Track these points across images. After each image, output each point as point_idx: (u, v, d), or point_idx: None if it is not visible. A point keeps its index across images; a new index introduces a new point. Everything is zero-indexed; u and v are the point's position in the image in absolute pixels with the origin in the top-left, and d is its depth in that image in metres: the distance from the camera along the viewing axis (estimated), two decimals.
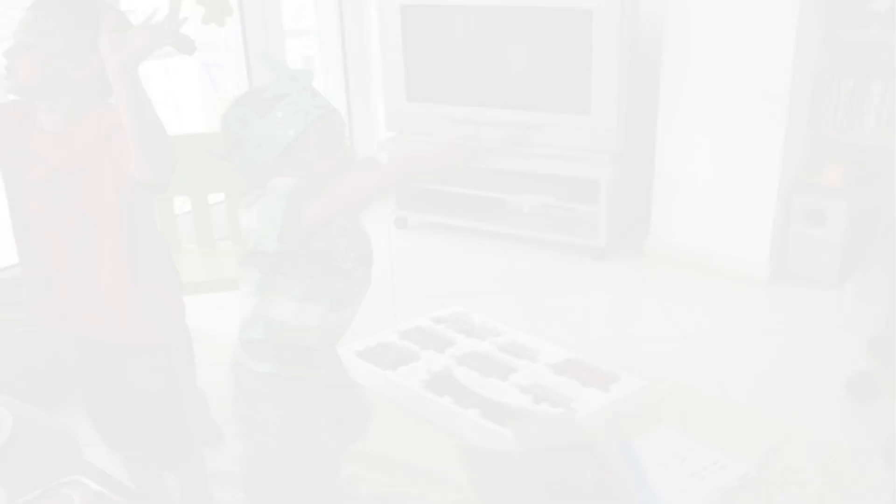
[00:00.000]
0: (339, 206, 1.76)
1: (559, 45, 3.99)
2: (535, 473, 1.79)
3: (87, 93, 1.83)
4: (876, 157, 3.75)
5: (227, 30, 4.35)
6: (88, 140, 1.82)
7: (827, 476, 2.49)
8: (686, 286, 3.82)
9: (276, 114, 1.77)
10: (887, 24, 3.45)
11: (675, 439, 2.64)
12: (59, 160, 1.84)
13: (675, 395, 2.90)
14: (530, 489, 1.74)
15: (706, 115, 3.75)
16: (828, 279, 3.73)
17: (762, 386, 3.01)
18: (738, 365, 3.16)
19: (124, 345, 1.99)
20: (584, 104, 3.89)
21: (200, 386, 2.48)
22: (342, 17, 4.71)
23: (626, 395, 2.76)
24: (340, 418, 2.09)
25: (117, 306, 1.94)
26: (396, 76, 4.25)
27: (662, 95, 3.87)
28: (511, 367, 2.95)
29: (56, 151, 1.84)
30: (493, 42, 4.17)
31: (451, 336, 3.17)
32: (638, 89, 3.94)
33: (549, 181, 4.22)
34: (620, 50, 3.74)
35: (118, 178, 1.79)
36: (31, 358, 2.86)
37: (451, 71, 4.23)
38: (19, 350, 2.85)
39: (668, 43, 3.77)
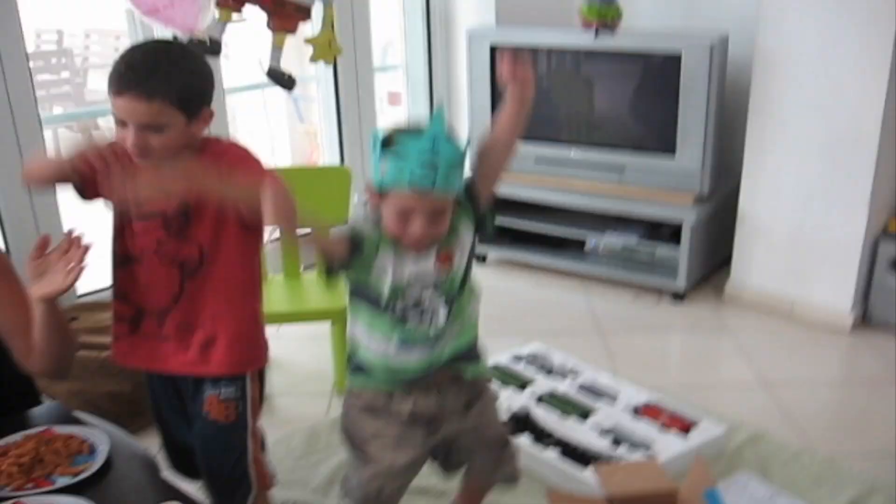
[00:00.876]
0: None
1: (647, 88, 4.02)
2: None
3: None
4: None
5: (317, 64, 4.48)
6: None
7: None
8: (767, 332, 3.79)
9: (389, 155, 1.79)
10: None
11: (755, 488, 2.63)
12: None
13: (756, 442, 2.88)
14: None
15: (792, 158, 3.74)
16: None
17: (845, 436, 2.98)
18: (819, 414, 3.13)
19: (209, 375, 1.98)
20: (670, 145, 3.91)
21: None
22: (430, 54, 4.80)
23: (705, 441, 2.75)
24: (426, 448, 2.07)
25: (216, 339, 1.95)
26: (483, 113, 4.31)
27: (749, 138, 3.86)
28: (590, 407, 2.97)
29: None
30: (582, 83, 4.22)
31: (531, 375, 3.19)
32: (724, 132, 3.95)
33: (630, 222, 4.23)
34: (708, 93, 3.76)
35: (241, 211, 1.81)
36: (114, 384, 2.96)
37: (538, 110, 4.25)
38: (116, 375, 2.95)
39: (756, 85, 3.77)
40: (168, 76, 1.76)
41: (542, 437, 2.79)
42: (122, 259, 1.95)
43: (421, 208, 1.79)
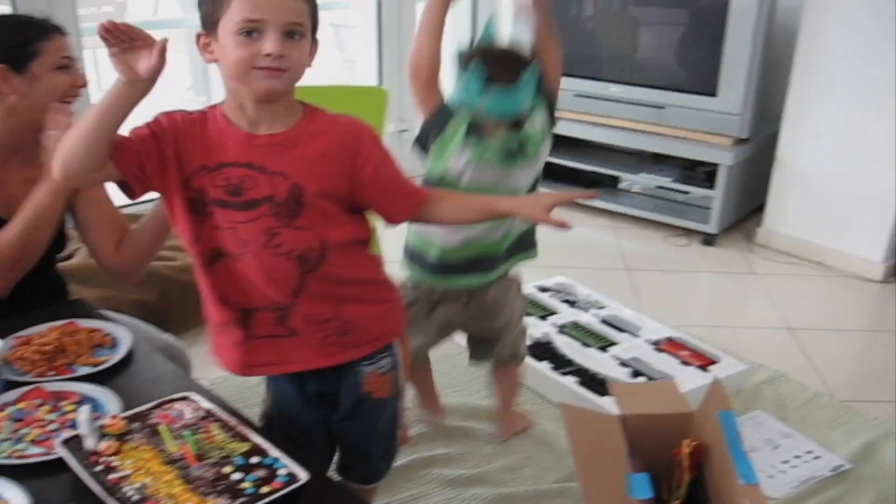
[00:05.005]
0: None
1: (693, 26, 3.97)
2: (633, 437, 1.83)
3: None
4: None
5: None
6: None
7: None
8: (796, 278, 3.78)
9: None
10: None
11: (770, 426, 2.65)
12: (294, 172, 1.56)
13: (775, 382, 2.89)
14: (626, 452, 1.78)
15: (835, 106, 3.69)
16: None
17: (864, 383, 2.98)
18: (841, 360, 3.13)
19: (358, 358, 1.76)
20: (712, 86, 3.86)
21: None
22: None
23: (725, 377, 2.75)
24: None
25: (355, 321, 1.69)
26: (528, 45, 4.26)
27: (793, 83, 3.82)
28: (611, 339, 2.98)
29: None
30: (626, 20, 4.17)
31: (554, 305, 3.21)
32: (768, 75, 3.89)
33: (666, 162, 4.21)
34: (755, 35, 3.70)
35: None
36: (140, 292, 3.02)
37: (579, 45, 4.24)
38: (143, 284, 3.01)
39: (804, 30, 3.72)
40: None
41: (562, 364, 2.81)
42: (212, 256, 1.60)
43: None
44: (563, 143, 4.25)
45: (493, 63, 1.99)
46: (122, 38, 1.36)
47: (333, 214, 1.58)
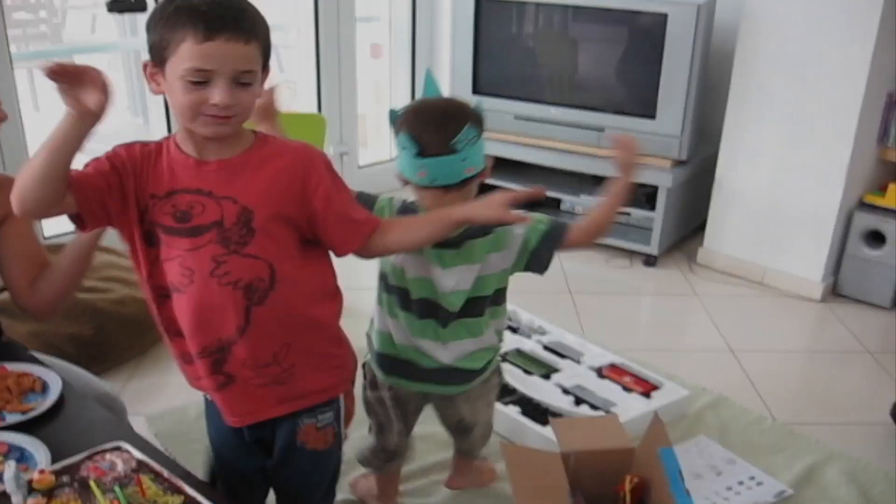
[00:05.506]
0: None
1: (631, 49, 3.99)
2: (575, 473, 1.81)
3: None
4: None
5: (299, 12, 4.42)
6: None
7: (866, 501, 2.47)
8: (736, 299, 3.80)
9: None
10: None
11: (714, 451, 2.64)
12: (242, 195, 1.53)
13: (717, 407, 2.89)
14: (568, 489, 1.76)
15: (772, 127, 3.73)
16: (881, 301, 3.70)
17: (807, 405, 2.99)
18: (784, 382, 3.14)
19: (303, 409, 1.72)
20: (651, 109, 3.87)
21: None
22: (414, 6, 4.75)
23: (667, 404, 2.76)
24: None
25: (299, 369, 1.65)
26: (464, 69, 4.26)
27: (730, 105, 3.85)
28: (554, 366, 2.97)
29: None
30: (565, 41, 4.18)
31: None
32: (706, 97, 3.92)
33: (607, 184, 4.20)
34: (692, 57, 3.72)
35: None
36: (75, 326, 2.94)
37: (520, 67, 4.24)
38: (78, 317, 2.94)
39: (741, 52, 3.75)
40: (255, 13, 1.48)
41: (505, 393, 2.78)
42: (161, 293, 1.57)
43: None
44: (504, 166, 4.25)
45: (422, 132, 1.84)
46: (69, 78, 1.33)
47: (286, 244, 1.55)
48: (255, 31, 1.45)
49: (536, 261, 2.01)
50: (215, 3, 1.42)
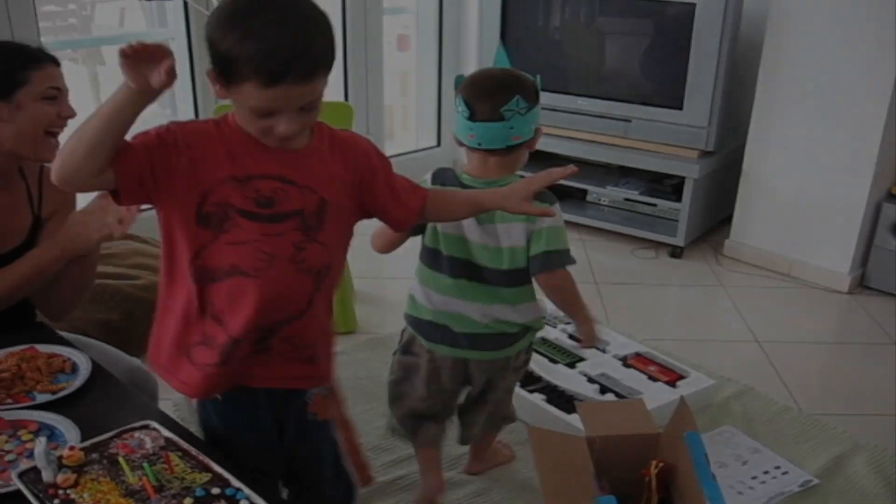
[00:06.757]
0: None
1: (659, 39, 3.98)
2: (600, 458, 1.82)
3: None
4: None
5: (326, 4, 4.44)
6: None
7: (892, 492, 2.46)
8: (763, 290, 3.79)
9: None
10: None
11: (739, 441, 2.65)
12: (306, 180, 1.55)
13: (743, 397, 2.89)
14: (593, 473, 1.77)
15: (800, 118, 3.71)
16: None
17: (833, 396, 2.99)
18: (810, 373, 3.14)
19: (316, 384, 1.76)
20: (678, 100, 3.87)
21: None
22: None
23: (693, 393, 2.76)
24: None
25: (321, 351, 1.70)
26: (491, 60, 4.25)
27: (758, 96, 3.84)
28: (579, 355, 2.98)
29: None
30: (592, 32, 4.18)
31: None
32: (734, 88, 3.91)
33: (633, 175, 4.21)
34: (720, 47, 3.72)
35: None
36: (104, 311, 2.99)
37: (547, 58, 4.24)
38: (107, 303, 2.98)
39: (769, 43, 3.74)
40: (321, 44, 1.43)
41: (530, 381, 2.80)
42: (214, 273, 1.53)
43: None
44: (531, 157, 4.25)
45: (474, 99, 2.01)
46: (142, 55, 1.31)
47: (344, 232, 1.61)
48: (318, 68, 1.42)
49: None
50: (281, 41, 1.37)
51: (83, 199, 1.97)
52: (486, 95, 2.00)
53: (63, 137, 1.90)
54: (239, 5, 1.40)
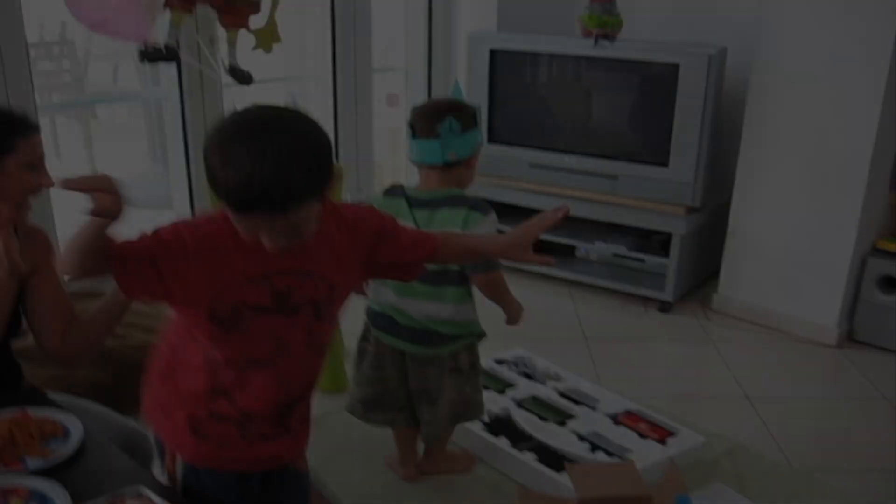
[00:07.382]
0: None
1: (644, 98, 4.04)
2: None
3: None
4: None
5: (317, 63, 4.49)
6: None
7: None
8: (752, 345, 3.81)
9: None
10: None
11: (730, 498, 2.64)
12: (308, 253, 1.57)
13: (734, 454, 2.89)
14: None
15: (785, 174, 3.76)
16: None
17: (824, 452, 2.99)
18: (800, 429, 3.14)
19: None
20: (664, 156, 3.91)
21: None
22: (431, 56, 4.82)
23: (683, 451, 2.76)
24: None
25: (304, 426, 1.75)
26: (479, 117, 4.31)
27: (742, 152, 3.88)
28: (570, 413, 2.98)
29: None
30: (578, 90, 4.24)
31: (513, 378, 3.20)
32: (718, 145, 3.96)
33: (621, 231, 4.24)
34: (704, 105, 3.76)
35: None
36: (94, 371, 2.96)
37: (533, 116, 4.29)
38: (98, 364, 2.96)
39: (752, 100, 3.79)
40: (300, 177, 1.40)
41: (521, 440, 2.80)
42: (236, 364, 1.59)
43: None
44: (519, 214, 4.28)
45: (416, 120, 2.35)
46: (81, 188, 1.38)
47: (345, 302, 1.68)
48: (292, 200, 1.39)
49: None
50: (254, 173, 1.35)
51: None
52: (425, 117, 2.34)
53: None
54: (231, 130, 1.41)
